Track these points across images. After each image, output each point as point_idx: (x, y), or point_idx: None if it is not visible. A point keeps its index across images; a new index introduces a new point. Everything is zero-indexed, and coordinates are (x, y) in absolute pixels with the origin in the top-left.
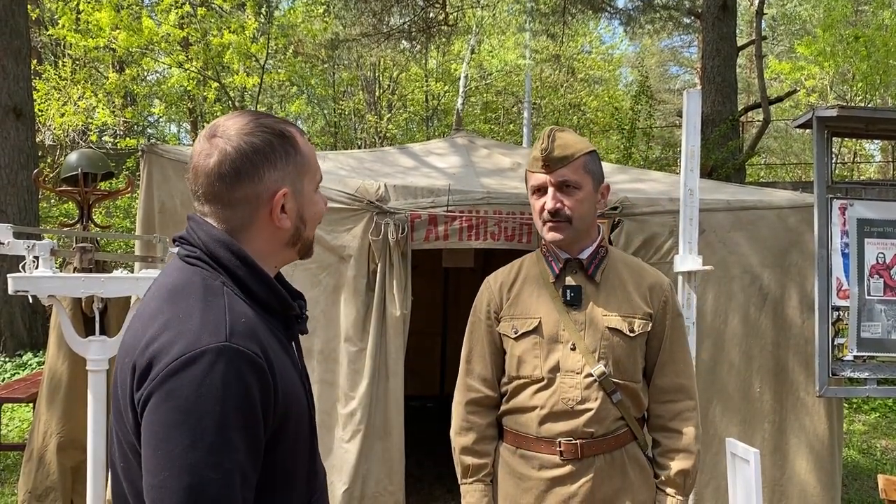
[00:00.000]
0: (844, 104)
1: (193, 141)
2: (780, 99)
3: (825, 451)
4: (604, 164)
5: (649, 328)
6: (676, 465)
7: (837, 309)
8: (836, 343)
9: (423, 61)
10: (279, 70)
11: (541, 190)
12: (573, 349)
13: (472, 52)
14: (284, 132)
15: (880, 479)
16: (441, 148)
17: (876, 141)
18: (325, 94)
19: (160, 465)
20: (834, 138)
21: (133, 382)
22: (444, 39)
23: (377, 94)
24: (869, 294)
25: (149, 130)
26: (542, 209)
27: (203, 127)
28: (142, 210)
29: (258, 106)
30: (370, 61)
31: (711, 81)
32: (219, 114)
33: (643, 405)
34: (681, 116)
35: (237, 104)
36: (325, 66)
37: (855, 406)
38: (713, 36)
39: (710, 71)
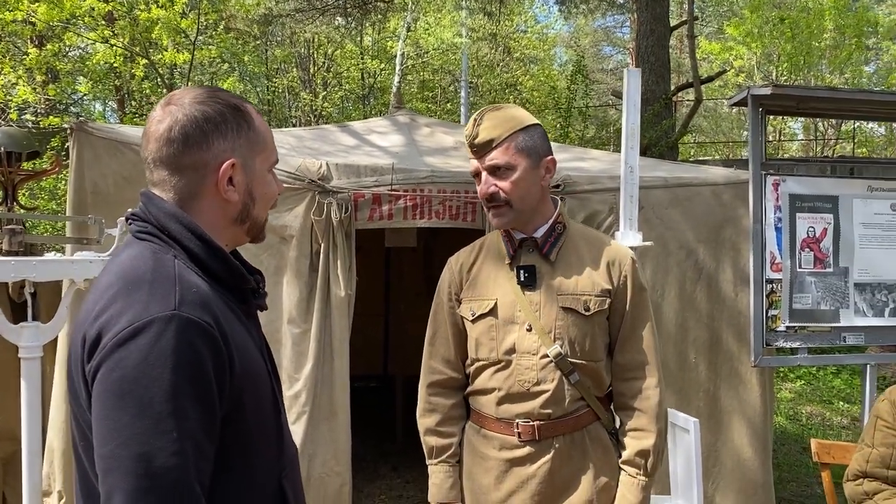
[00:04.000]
0: (778, 83)
1: (121, 119)
2: (710, 79)
3: (758, 418)
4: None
5: (607, 305)
6: (637, 444)
7: (771, 282)
8: (769, 314)
9: (359, 38)
10: (210, 47)
11: (477, 175)
12: (529, 330)
13: (409, 29)
14: (239, 106)
15: (813, 443)
16: (382, 126)
17: (800, 119)
18: (258, 71)
19: (109, 435)
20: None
21: (83, 355)
22: (379, 16)
23: (311, 71)
24: (800, 267)
25: (72, 108)
26: (481, 194)
27: (131, 105)
28: (72, 191)
29: (189, 84)
30: (304, 38)
31: (645, 61)
32: (147, 91)
33: (605, 384)
34: (615, 96)
35: (166, 81)
36: (258, 42)
37: (782, 375)
38: (646, 16)
39: (644, 51)
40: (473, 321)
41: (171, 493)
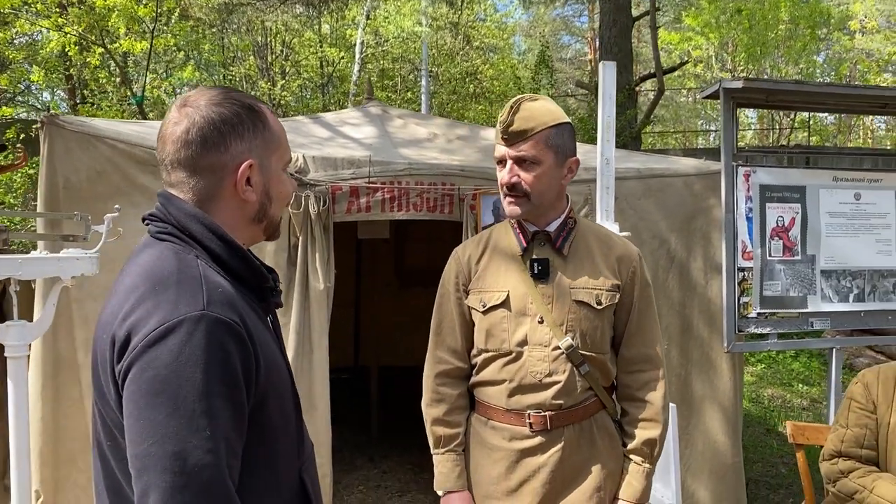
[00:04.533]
0: (749, 77)
1: (71, 109)
2: (673, 69)
3: (728, 402)
4: None
5: (616, 300)
6: (644, 434)
7: (742, 270)
8: (741, 301)
9: (318, 26)
10: (169, 35)
11: (502, 162)
12: (541, 322)
13: (368, 17)
14: (254, 106)
15: (788, 425)
16: (355, 118)
17: (753, 110)
18: (215, 59)
19: (143, 435)
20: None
21: (112, 356)
22: (340, 4)
23: (269, 60)
24: (770, 255)
25: (19, 98)
26: (503, 182)
27: (82, 94)
28: (44, 186)
29: (147, 73)
30: (261, 26)
31: (609, 52)
32: (103, 81)
33: (612, 375)
34: (579, 86)
35: (123, 70)
36: (214, 30)
37: (744, 359)
38: (609, 6)
39: (608, 41)
40: (484, 312)
41: (206, 490)
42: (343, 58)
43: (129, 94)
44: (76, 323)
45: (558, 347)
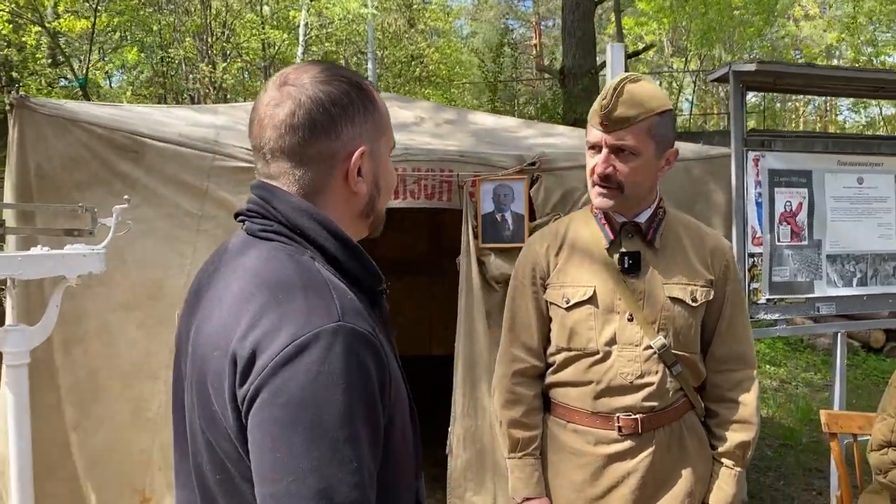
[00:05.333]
0: (762, 60)
1: None
2: (637, 53)
3: None
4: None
5: (711, 296)
6: (736, 436)
7: (752, 256)
8: (751, 288)
9: (259, 7)
10: (105, 15)
11: (595, 147)
12: (630, 320)
13: None
14: (362, 85)
15: (822, 414)
16: None
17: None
18: (150, 41)
19: (281, 471)
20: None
21: (235, 378)
22: None
23: (210, 41)
24: (778, 240)
25: None
26: (594, 170)
27: (5, 75)
28: (14, 175)
29: (89, 54)
30: (199, 6)
31: (572, 35)
32: (42, 61)
33: (702, 375)
34: (537, 70)
35: (61, 51)
36: (151, 11)
37: None
38: None
39: (571, 25)
40: (568, 309)
41: None
42: (286, 40)
43: (66, 75)
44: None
45: (650, 347)
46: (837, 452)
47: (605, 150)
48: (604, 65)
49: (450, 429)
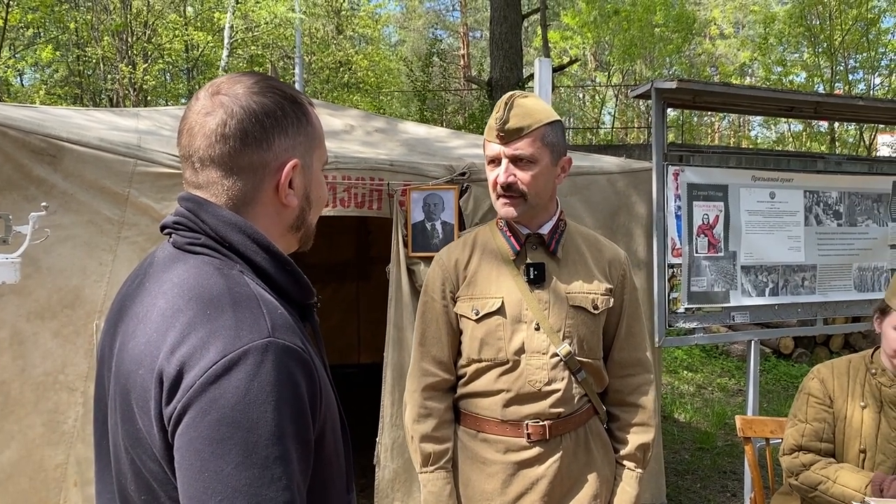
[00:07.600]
0: (682, 78)
1: None
2: (563, 67)
3: None
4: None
5: (611, 304)
6: (637, 438)
7: (672, 266)
8: (670, 297)
9: (183, 8)
10: (18, 10)
11: (495, 161)
12: (537, 329)
13: (238, 1)
14: (297, 98)
15: (737, 419)
16: None
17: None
18: (66, 39)
19: (209, 490)
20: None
21: (162, 396)
22: None
23: (130, 41)
24: (696, 252)
25: None
26: (496, 182)
27: None
28: None
29: (1, 50)
30: (120, 5)
31: (499, 48)
32: None
33: (605, 381)
34: (466, 80)
35: None
36: (67, 7)
37: None
38: (500, 3)
39: (498, 37)
40: (478, 320)
41: None
42: (210, 42)
43: None
44: None
45: (556, 354)
46: (751, 456)
47: (504, 161)
48: (531, 77)
49: (377, 439)
